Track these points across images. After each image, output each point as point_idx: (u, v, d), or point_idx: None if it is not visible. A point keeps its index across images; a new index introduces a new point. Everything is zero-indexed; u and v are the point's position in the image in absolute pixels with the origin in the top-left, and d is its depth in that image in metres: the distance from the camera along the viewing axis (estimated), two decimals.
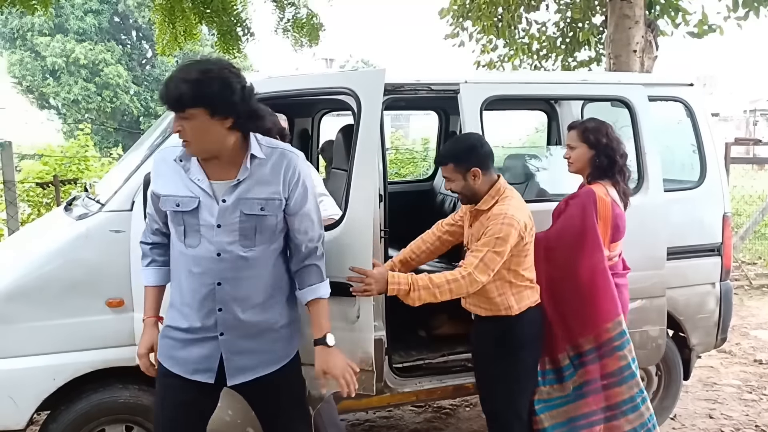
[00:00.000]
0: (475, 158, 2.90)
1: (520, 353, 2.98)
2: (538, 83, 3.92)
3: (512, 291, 2.91)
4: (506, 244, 2.76)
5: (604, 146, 3.14)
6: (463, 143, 2.99)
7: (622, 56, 6.70)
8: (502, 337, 2.97)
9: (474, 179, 2.88)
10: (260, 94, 3.07)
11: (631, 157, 3.46)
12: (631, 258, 3.44)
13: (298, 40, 8.80)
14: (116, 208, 2.99)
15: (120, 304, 2.97)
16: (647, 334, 3.77)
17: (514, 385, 3.02)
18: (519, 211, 2.83)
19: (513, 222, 2.77)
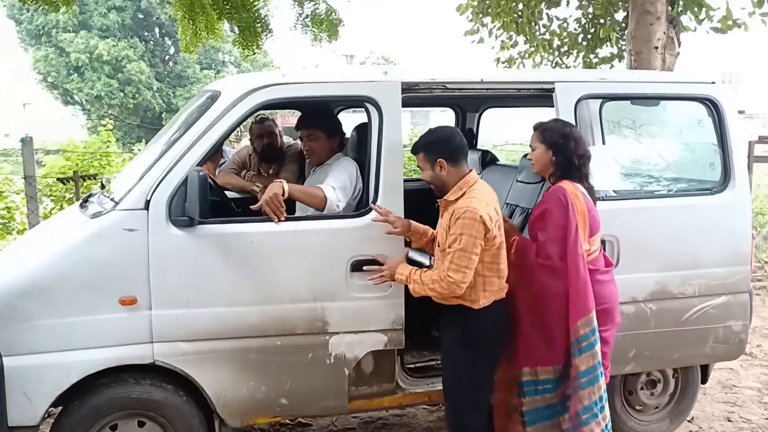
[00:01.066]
0: (443, 150, 2.98)
1: (480, 346, 3.00)
2: (627, 82, 3.93)
3: (481, 283, 2.93)
4: (472, 239, 2.81)
5: (561, 146, 3.14)
6: (435, 135, 3.07)
7: (643, 53, 6.59)
8: (465, 328, 2.99)
9: (440, 170, 2.96)
10: (277, 99, 3.14)
11: (716, 154, 3.72)
12: (716, 254, 3.64)
13: (316, 35, 8.78)
14: (130, 206, 3.00)
15: (133, 302, 2.99)
16: (731, 329, 3.82)
17: (473, 376, 3.03)
18: (482, 203, 2.87)
19: (474, 215, 2.82)
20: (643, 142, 3.88)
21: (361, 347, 3.28)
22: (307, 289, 3.19)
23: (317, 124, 3.60)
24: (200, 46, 8.44)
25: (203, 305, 3.08)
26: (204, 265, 3.08)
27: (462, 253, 2.82)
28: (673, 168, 3.94)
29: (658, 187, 3.91)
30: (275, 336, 3.18)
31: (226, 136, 3.17)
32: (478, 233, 2.83)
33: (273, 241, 3.16)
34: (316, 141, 3.60)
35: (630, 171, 3.87)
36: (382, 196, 3.26)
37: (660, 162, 3.89)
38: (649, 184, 3.89)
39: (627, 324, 3.62)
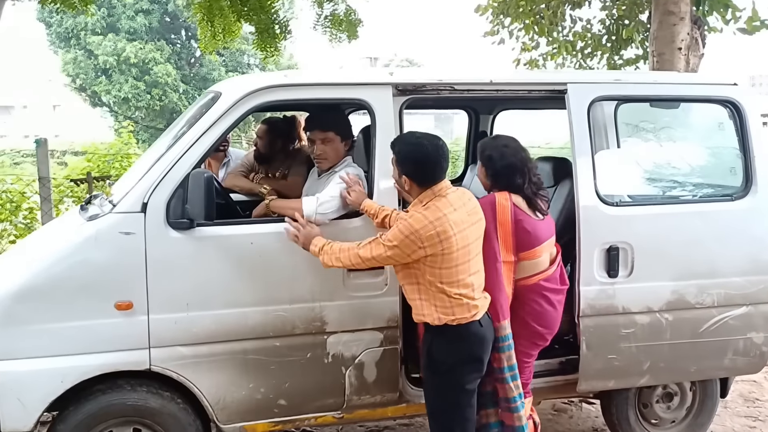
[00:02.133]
0: (412, 172, 2.84)
1: (440, 369, 2.87)
2: (644, 83, 3.77)
3: (434, 302, 2.80)
4: (393, 245, 2.71)
5: (488, 161, 3.19)
6: (410, 151, 2.86)
7: (666, 54, 6.43)
8: (429, 350, 2.89)
9: (405, 183, 2.87)
10: (275, 101, 3.09)
11: (738, 158, 3.60)
12: (736, 262, 3.53)
13: (335, 36, 8.78)
14: (126, 209, 2.95)
15: (129, 306, 2.94)
16: (751, 342, 3.67)
17: (443, 401, 2.92)
18: (424, 220, 2.70)
19: (406, 230, 2.70)
20: (661, 145, 3.74)
21: (358, 346, 3.26)
22: (306, 289, 3.17)
23: (332, 126, 3.41)
24: (219, 47, 8.50)
25: (203, 308, 3.04)
26: (204, 267, 3.04)
27: (380, 246, 2.75)
28: (693, 173, 3.80)
29: (675, 193, 3.77)
30: (274, 337, 3.15)
31: (223, 138, 3.11)
32: (402, 245, 2.71)
33: (272, 241, 3.12)
34: (330, 144, 3.40)
35: (646, 176, 3.74)
36: (377, 195, 3.20)
37: (678, 166, 3.75)
38: (667, 190, 3.75)
39: (641, 335, 3.51)
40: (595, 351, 3.46)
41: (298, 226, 3.05)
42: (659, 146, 3.74)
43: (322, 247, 2.93)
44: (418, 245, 2.70)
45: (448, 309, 2.79)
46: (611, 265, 3.42)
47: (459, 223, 2.76)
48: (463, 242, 2.76)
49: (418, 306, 2.85)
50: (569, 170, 3.84)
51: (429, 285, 2.78)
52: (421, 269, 2.77)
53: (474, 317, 2.82)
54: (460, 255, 2.75)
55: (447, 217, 2.73)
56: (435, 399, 2.94)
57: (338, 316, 3.21)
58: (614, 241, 3.42)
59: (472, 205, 2.90)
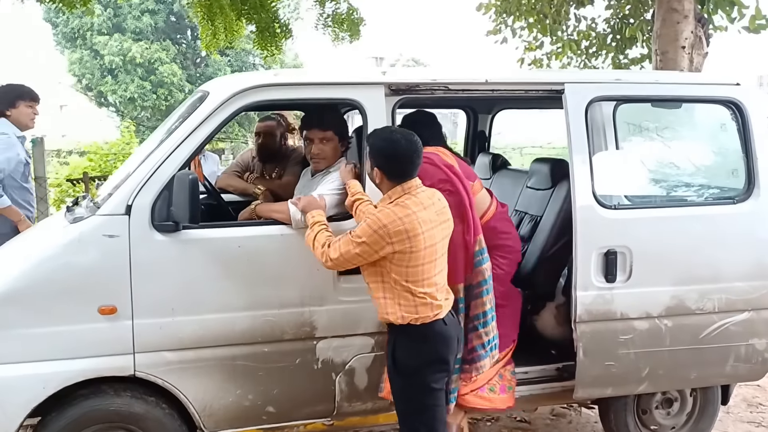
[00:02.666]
0: (383, 164, 2.79)
1: (405, 371, 2.80)
2: (644, 83, 3.68)
3: (398, 300, 2.75)
4: (361, 241, 2.66)
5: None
6: (380, 143, 2.82)
7: (670, 53, 6.33)
8: (394, 351, 2.83)
9: (375, 176, 2.83)
10: (264, 101, 3.05)
11: (740, 160, 3.54)
12: (738, 267, 3.47)
13: (338, 35, 8.70)
14: (110, 211, 2.89)
15: (113, 311, 2.88)
16: (753, 348, 3.58)
17: (404, 401, 2.86)
18: (393, 216, 2.67)
19: (374, 224, 2.66)
20: (661, 146, 3.65)
21: (348, 352, 3.19)
22: (295, 294, 3.10)
23: (332, 125, 3.33)
24: (221, 46, 8.43)
25: (189, 313, 2.98)
26: (190, 271, 2.97)
27: (349, 242, 2.69)
28: (694, 175, 3.70)
29: (676, 195, 3.67)
30: (263, 343, 3.09)
31: (210, 138, 3.05)
32: (371, 241, 2.66)
33: (261, 245, 3.06)
34: (329, 144, 3.33)
35: (646, 178, 3.64)
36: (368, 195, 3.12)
37: (679, 168, 3.65)
38: (667, 192, 3.66)
39: (640, 341, 3.43)
40: (592, 357, 3.38)
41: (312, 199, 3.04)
42: (659, 147, 3.64)
43: (313, 225, 2.89)
44: (387, 241, 2.65)
45: (412, 308, 2.74)
46: (609, 270, 3.34)
47: (427, 221, 2.72)
48: (429, 241, 2.72)
49: (382, 304, 2.80)
50: (566, 172, 3.76)
51: (394, 283, 2.74)
52: (386, 267, 2.73)
53: (437, 316, 2.78)
54: (426, 254, 2.72)
55: (416, 214, 2.70)
56: (402, 401, 2.88)
57: (328, 321, 3.14)
58: (612, 244, 3.34)
59: (441, 205, 2.86)
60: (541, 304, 3.71)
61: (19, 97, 4.50)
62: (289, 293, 3.09)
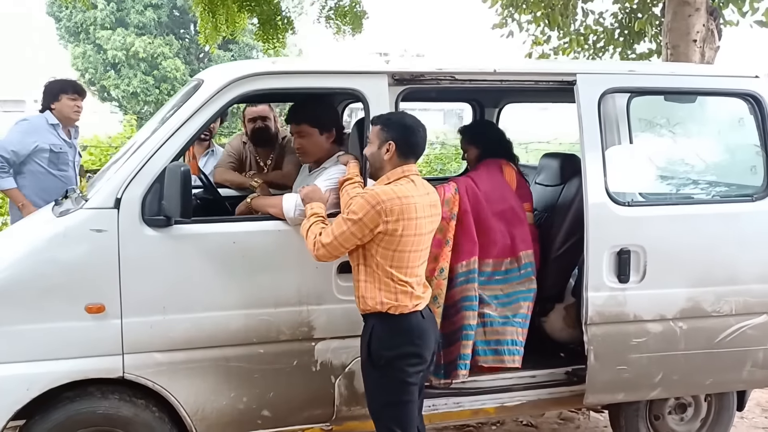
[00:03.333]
0: (401, 136, 2.71)
1: (378, 362, 2.68)
2: (659, 75, 3.53)
3: (379, 285, 2.65)
4: (357, 218, 2.55)
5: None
6: (402, 118, 2.79)
7: (681, 46, 6.21)
8: (367, 339, 2.71)
9: (386, 152, 2.70)
10: (260, 90, 2.92)
11: (758, 156, 3.40)
12: (757, 268, 3.34)
13: (340, 28, 8.61)
14: (98, 205, 2.75)
15: (100, 309, 2.74)
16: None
17: (377, 395, 2.75)
18: (391, 193, 2.58)
19: (372, 199, 2.55)
20: (676, 142, 3.50)
21: (348, 354, 3.05)
22: (292, 292, 2.97)
23: (305, 118, 3.19)
24: (219, 40, 8.31)
25: (181, 312, 2.85)
26: (182, 268, 2.84)
27: (342, 223, 2.59)
28: (710, 171, 3.55)
29: (692, 192, 3.53)
30: (258, 343, 2.95)
31: (204, 128, 2.91)
32: (367, 218, 2.55)
33: (257, 241, 2.93)
34: (306, 138, 3.19)
35: (660, 174, 3.49)
36: None
37: (695, 164, 3.51)
38: (682, 189, 3.51)
39: (653, 345, 3.29)
40: (603, 362, 3.23)
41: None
42: (675, 142, 3.50)
43: (310, 216, 2.77)
44: (382, 218, 2.54)
45: (392, 294, 2.64)
46: (622, 270, 3.20)
47: (422, 209, 2.65)
48: (420, 229, 2.64)
49: (361, 287, 2.69)
50: (578, 167, 3.61)
51: (376, 267, 2.64)
52: (371, 249, 2.62)
53: (416, 307, 2.68)
54: (415, 241, 2.63)
55: (413, 198, 2.62)
56: (376, 395, 2.76)
57: (327, 321, 3.01)
58: (625, 243, 3.19)
59: (433, 198, 2.76)
60: (550, 305, 3.56)
61: (62, 91, 4.67)
62: (286, 291, 2.96)
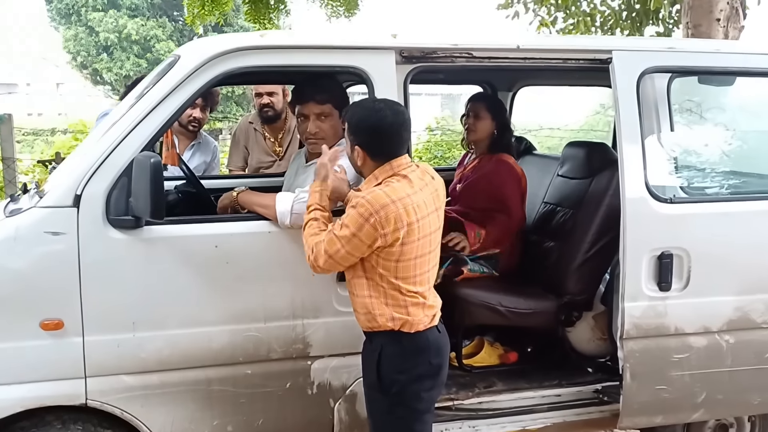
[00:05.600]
0: (363, 138, 2.30)
1: (391, 388, 2.30)
2: (703, 52, 3.12)
3: (386, 299, 2.28)
4: (351, 233, 2.17)
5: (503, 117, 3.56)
6: (362, 114, 2.33)
7: (703, 26, 5.92)
8: (376, 361, 2.32)
9: (356, 156, 2.32)
10: (246, 67, 2.50)
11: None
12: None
13: (335, 10, 8.20)
14: (54, 203, 2.33)
15: (58, 326, 2.33)
16: None
17: (386, 427, 2.37)
18: (385, 198, 2.18)
19: (365, 211, 2.16)
20: (724, 130, 3.09)
21: (349, 373, 2.67)
22: (285, 304, 2.58)
23: (330, 96, 2.74)
24: (207, 20, 7.89)
25: (154, 327, 2.45)
26: (155, 277, 2.43)
27: (334, 239, 2.21)
28: (764, 163, 3.13)
29: (742, 187, 3.11)
30: (245, 363, 2.56)
31: (180, 113, 2.48)
32: (362, 234, 2.17)
33: (243, 245, 2.52)
34: (328, 121, 2.74)
35: (706, 166, 3.08)
36: None
37: (746, 156, 3.09)
38: (731, 183, 3.09)
39: (697, 361, 2.90)
40: (640, 380, 2.84)
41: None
42: (722, 131, 3.08)
43: (312, 208, 2.37)
44: (379, 231, 2.16)
45: (402, 308, 2.28)
46: (663, 276, 2.80)
47: (422, 207, 2.26)
48: (424, 230, 2.26)
49: (366, 304, 2.30)
50: (608, 158, 3.23)
51: (380, 280, 2.27)
52: (371, 261, 2.25)
53: (432, 322, 2.34)
54: (420, 245, 2.26)
55: (410, 198, 2.23)
56: (384, 425, 2.36)
57: (325, 336, 2.62)
58: (667, 246, 2.80)
59: (434, 186, 2.38)
60: (577, 314, 3.15)
61: None
62: (277, 303, 2.56)
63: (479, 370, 3.13)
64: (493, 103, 3.58)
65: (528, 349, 3.29)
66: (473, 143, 3.59)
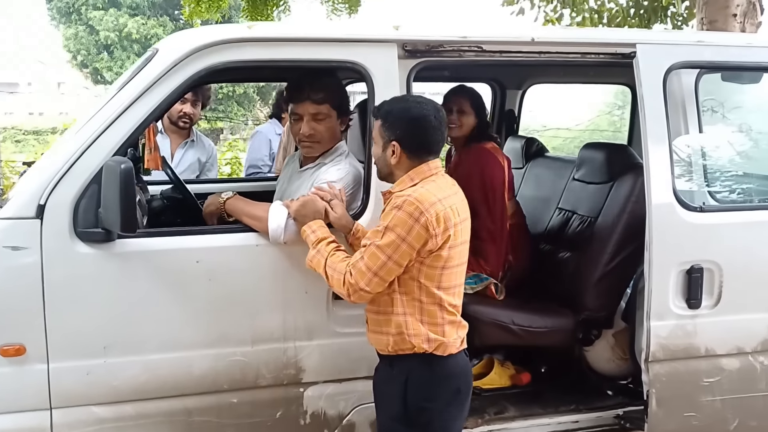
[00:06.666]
0: (404, 132, 2.09)
1: (420, 418, 2.07)
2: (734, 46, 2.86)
3: (421, 316, 2.06)
4: (399, 239, 1.95)
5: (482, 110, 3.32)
6: (403, 107, 2.12)
7: (719, 21, 5.73)
8: (401, 388, 2.07)
9: (391, 155, 2.09)
10: (230, 62, 2.27)
11: None
12: None
13: (335, 6, 7.97)
14: (13, 214, 2.09)
15: (19, 351, 2.10)
16: None
17: None
18: (432, 196, 2.00)
19: (415, 210, 1.95)
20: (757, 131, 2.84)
21: (347, 401, 2.45)
22: (275, 325, 2.35)
23: (328, 96, 2.48)
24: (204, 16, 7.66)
25: (128, 352, 2.22)
26: (128, 296, 2.20)
27: (378, 253, 1.97)
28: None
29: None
30: (230, 391, 2.34)
31: (161, 113, 2.24)
32: (412, 237, 1.95)
33: (228, 260, 2.28)
34: (324, 123, 2.48)
35: (739, 171, 2.83)
36: (375, 199, 2.35)
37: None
38: (763, 190, 2.84)
39: (729, 385, 2.67)
40: (668, 407, 2.61)
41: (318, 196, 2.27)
42: (755, 132, 2.83)
43: (319, 241, 2.12)
44: (431, 231, 1.96)
45: (439, 327, 2.07)
46: (692, 292, 2.57)
47: (461, 210, 2.11)
48: (463, 236, 2.11)
49: (401, 323, 2.05)
50: (630, 161, 2.98)
51: (419, 292, 2.05)
52: (412, 271, 2.03)
53: (462, 345, 2.15)
54: (460, 252, 2.10)
55: (452, 199, 2.07)
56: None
57: (320, 360, 2.39)
58: (697, 258, 2.57)
59: (461, 196, 2.19)
60: (596, 332, 2.89)
61: None
62: (266, 324, 2.33)
63: (489, 393, 2.87)
64: (476, 97, 3.31)
65: (542, 368, 3.03)
66: (454, 140, 3.32)
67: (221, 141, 18.74)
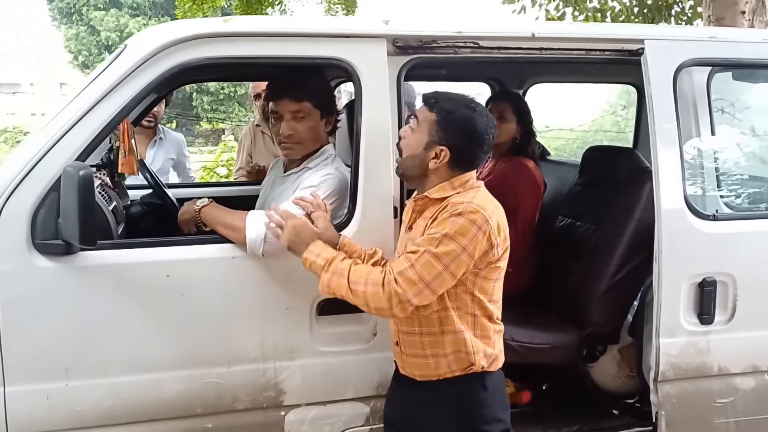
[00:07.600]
0: (460, 141, 1.88)
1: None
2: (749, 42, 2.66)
3: (475, 331, 1.90)
4: (457, 246, 1.77)
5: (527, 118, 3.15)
6: (465, 113, 1.89)
7: (727, 19, 5.70)
8: (460, 413, 1.90)
9: (434, 158, 1.89)
10: (204, 59, 2.09)
11: None
12: None
13: (331, 7, 7.89)
14: None
15: None
16: None
17: None
18: (489, 202, 1.88)
19: (478, 217, 1.79)
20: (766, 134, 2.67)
21: (332, 425, 2.28)
22: (253, 344, 2.17)
23: (308, 93, 2.29)
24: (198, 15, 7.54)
25: (92, 375, 2.05)
26: (92, 314, 2.02)
27: (434, 262, 1.77)
28: None
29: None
30: (205, 415, 2.16)
31: (126, 113, 2.05)
32: (473, 247, 1.78)
33: (201, 273, 2.11)
34: (305, 122, 2.29)
35: (756, 176, 2.65)
36: (362, 208, 2.18)
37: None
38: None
39: (743, 406, 2.50)
40: (678, 430, 2.45)
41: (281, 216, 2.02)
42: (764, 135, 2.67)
43: (330, 261, 1.88)
44: (493, 240, 1.82)
45: (491, 340, 1.94)
46: (704, 307, 2.40)
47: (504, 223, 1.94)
48: (506, 244, 1.94)
49: (459, 341, 1.87)
50: (637, 166, 2.80)
51: (472, 305, 1.89)
52: (466, 283, 1.86)
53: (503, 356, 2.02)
54: (502, 256, 1.92)
55: (500, 209, 1.92)
56: None
57: (303, 381, 2.22)
58: (710, 270, 2.40)
59: (501, 208, 2.00)
60: (601, 348, 2.71)
61: None
62: (244, 343, 2.15)
63: None
64: (519, 104, 3.18)
65: (543, 386, 2.86)
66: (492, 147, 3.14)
67: (221, 141, 18.63)
